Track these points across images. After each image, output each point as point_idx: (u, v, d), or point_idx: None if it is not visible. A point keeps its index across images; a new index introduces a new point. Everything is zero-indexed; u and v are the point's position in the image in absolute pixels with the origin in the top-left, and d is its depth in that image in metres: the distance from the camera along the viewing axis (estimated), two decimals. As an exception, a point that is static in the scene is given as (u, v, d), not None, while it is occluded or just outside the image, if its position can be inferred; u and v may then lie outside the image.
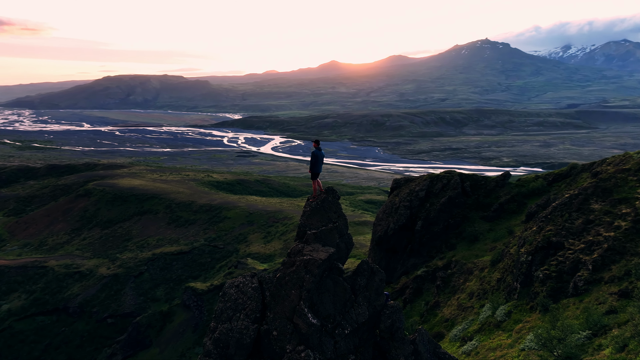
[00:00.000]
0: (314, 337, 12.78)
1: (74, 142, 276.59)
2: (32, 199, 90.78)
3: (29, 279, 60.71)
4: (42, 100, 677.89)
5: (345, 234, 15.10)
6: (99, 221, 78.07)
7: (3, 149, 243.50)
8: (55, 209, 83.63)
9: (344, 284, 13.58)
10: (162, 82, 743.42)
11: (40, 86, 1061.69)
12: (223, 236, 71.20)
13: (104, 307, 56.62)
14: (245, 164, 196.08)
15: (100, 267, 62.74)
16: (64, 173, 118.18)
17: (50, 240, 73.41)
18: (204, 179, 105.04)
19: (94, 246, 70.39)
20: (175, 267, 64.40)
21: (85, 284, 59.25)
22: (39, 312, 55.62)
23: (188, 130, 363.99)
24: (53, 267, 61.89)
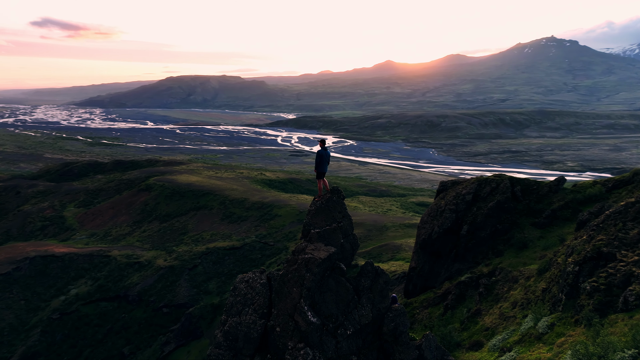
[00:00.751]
0: (313, 336, 12.83)
1: (138, 139, 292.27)
2: (99, 192, 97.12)
3: (95, 266, 64.94)
4: (111, 100, 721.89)
5: (351, 235, 15.01)
6: (158, 215, 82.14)
7: (76, 144, 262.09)
8: (119, 202, 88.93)
9: (347, 284, 13.48)
10: (220, 83, 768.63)
11: (110, 86, 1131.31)
12: (273, 233, 72.63)
13: (160, 296, 59.44)
14: (298, 163, 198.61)
15: (158, 258, 65.93)
16: (128, 168, 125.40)
17: (114, 231, 78.19)
18: (257, 177, 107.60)
19: (152, 238, 74.14)
20: (227, 261, 66.46)
21: (144, 274, 62.47)
22: (102, 298, 59.33)
23: (244, 129, 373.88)
24: (116, 257, 65.81)
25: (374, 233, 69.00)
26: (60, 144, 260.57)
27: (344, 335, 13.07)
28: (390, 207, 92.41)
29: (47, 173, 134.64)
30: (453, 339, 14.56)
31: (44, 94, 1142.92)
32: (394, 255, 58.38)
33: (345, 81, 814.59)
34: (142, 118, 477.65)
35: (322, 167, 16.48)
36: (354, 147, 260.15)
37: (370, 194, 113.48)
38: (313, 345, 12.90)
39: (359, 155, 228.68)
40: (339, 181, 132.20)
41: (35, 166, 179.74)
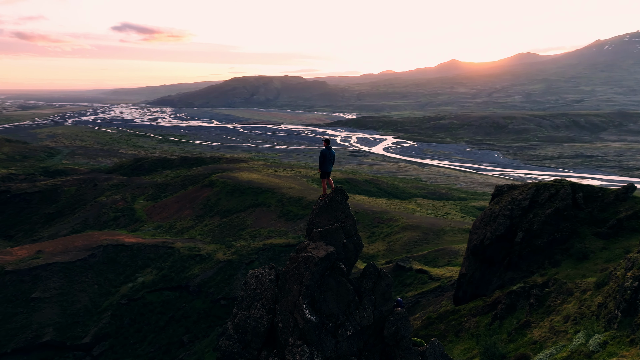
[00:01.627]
0: (311, 334, 12.82)
1: (204, 137, 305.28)
2: (166, 186, 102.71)
3: (160, 257, 68.74)
4: (180, 99, 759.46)
5: (354, 235, 14.76)
6: (219, 210, 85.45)
7: (148, 141, 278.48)
8: (184, 197, 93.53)
9: (347, 285, 13.39)
10: (283, 83, 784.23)
11: (180, 86, 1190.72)
12: (328, 233, 73.08)
13: (218, 289, 61.82)
14: (356, 163, 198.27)
15: (218, 252, 68.56)
16: (193, 165, 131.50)
17: (178, 224, 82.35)
18: (314, 176, 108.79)
19: (213, 233, 77.25)
20: (282, 258, 67.77)
21: (204, 267, 65.24)
22: (165, 287, 62.72)
23: (304, 128, 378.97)
24: (179, 249, 69.27)
25: (430, 237, 67.44)
26: (134, 141, 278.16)
27: (344, 336, 13.07)
28: (449, 211, 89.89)
29: (121, 167, 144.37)
30: (498, 350, 13.91)
31: (120, 94, 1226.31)
32: (450, 261, 56.74)
33: (407, 81, 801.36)
34: (208, 117, 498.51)
35: (325, 167, 16.60)
36: (414, 149, 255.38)
37: (429, 197, 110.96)
38: (311, 343, 12.93)
39: (418, 157, 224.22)
40: (397, 182, 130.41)
41: (111, 161, 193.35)
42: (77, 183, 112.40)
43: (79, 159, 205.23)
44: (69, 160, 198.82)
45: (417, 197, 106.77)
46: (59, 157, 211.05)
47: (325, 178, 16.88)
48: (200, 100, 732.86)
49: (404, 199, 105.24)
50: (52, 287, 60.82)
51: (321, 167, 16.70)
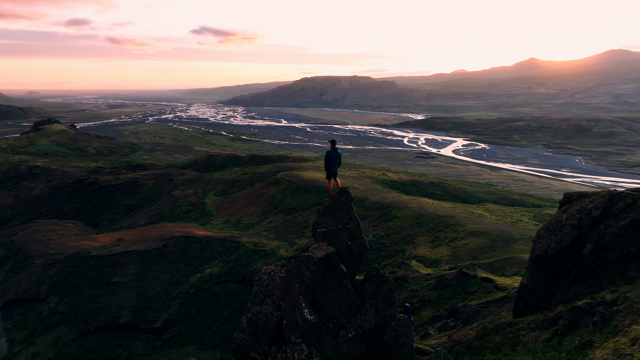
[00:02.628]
0: (310, 333, 12.74)
1: (272, 136, 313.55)
2: (235, 183, 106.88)
3: (226, 250, 71.68)
4: (252, 99, 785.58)
5: (359, 237, 14.54)
6: (283, 208, 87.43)
7: (220, 139, 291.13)
8: (251, 194, 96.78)
9: (348, 286, 13.21)
10: (351, 83, 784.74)
11: (252, 87, 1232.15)
12: (391, 235, 72.20)
13: (280, 284, 63.36)
14: (423, 165, 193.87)
15: (281, 248, 70.19)
16: (261, 163, 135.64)
17: (245, 220, 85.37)
18: (379, 177, 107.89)
19: (277, 229, 79.19)
20: (343, 258, 68.03)
21: (267, 262, 67.04)
22: (231, 280, 65.29)
23: (371, 129, 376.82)
24: (244, 243, 71.81)
25: (499, 244, 64.30)
26: (207, 138, 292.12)
27: (345, 338, 12.94)
28: (520, 218, 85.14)
29: (195, 164, 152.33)
30: (553, 368, 13.04)
31: (197, 94, 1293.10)
32: (519, 270, 53.73)
33: (481, 81, 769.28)
34: (278, 116, 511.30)
35: (330, 167, 16.70)
36: (486, 151, 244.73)
37: (499, 202, 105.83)
38: (310, 342, 12.89)
39: (490, 160, 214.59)
40: (466, 186, 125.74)
41: (186, 157, 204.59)
42: (155, 177, 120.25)
43: (158, 155, 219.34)
44: (149, 156, 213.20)
45: (486, 202, 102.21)
46: (141, 152, 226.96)
47: (330, 179, 16.94)
48: (270, 100, 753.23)
49: (472, 203, 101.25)
50: (130, 273, 65.59)
51: (327, 167, 16.80)
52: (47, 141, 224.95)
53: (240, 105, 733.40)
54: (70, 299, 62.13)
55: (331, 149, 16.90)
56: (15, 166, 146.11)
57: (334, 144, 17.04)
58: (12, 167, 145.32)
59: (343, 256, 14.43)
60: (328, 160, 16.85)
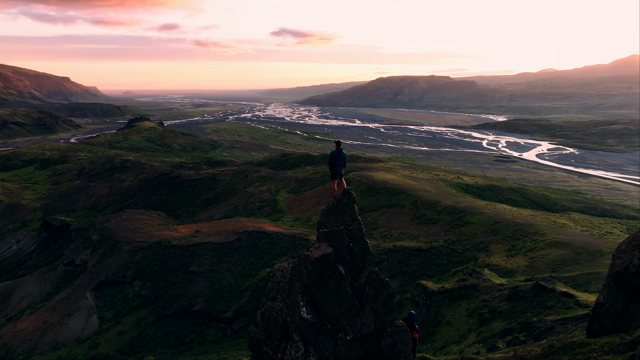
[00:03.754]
0: (307, 332, 12.84)
1: (346, 136, 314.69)
2: (306, 181, 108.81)
3: (295, 247, 73.19)
4: (327, 99, 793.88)
5: (361, 239, 14.42)
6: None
7: (295, 138, 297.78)
8: (321, 192, 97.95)
9: (347, 288, 13.21)
10: (428, 83, 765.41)
11: (327, 87, 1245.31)
12: (463, 241, 69.54)
13: (346, 284, 63.46)
14: (503, 170, 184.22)
15: (348, 248, 70.29)
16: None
17: (314, 218, 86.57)
18: (453, 181, 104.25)
19: (345, 229, 79.44)
20: (412, 262, 66.63)
21: (334, 261, 67.55)
22: (298, 276, 66.61)
23: (447, 130, 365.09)
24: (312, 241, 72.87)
25: (583, 257, 59.39)
26: (282, 137, 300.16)
27: (344, 340, 12.90)
28: (611, 230, 77.92)
29: (269, 161, 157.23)
30: (628, 398, 11.66)
31: (275, 94, 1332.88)
32: (606, 287, 49.33)
33: (572, 80, 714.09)
34: (352, 116, 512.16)
35: (334, 168, 16.71)
36: (575, 156, 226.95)
37: (587, 212, 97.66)
38: (308, 341, 12.91)
39: (579, 166, 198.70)
40: (549, 193, 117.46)
41: (262, 155, 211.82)
42: (232, 173, 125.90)
43: (236, 152, 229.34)
44: (228, 153, 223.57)
45: (572, 212, 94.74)
46: (220, 149, 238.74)
47: (335, 179, 16.98)
48: (345, 100, 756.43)
49: (555, 212, 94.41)
50: (205, 264, 69.29)
51: (331, 168, 16.75)
52: (139, 137, 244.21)
53: (316, 105, 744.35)
54: (151, 284, 66.98)
55: (336, 149, 16.90)
56: (111, 160, 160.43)
57: (339, 145, 17.15)
58: (108, 161, 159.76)
59: (344, 258, 14.37)
60: (332, 161, 16.82)
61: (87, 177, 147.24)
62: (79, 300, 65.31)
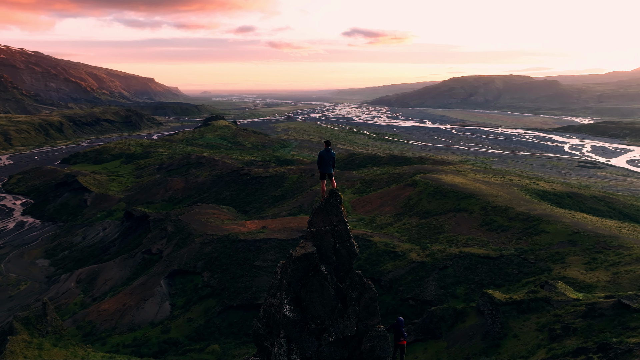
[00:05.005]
0: (289, 329, 12.98)
1: (415, 137, 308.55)
2: (372, 182, 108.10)
3: (358, 247, 73.01)
4: (397, 99, 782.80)
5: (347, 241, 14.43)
6: (418, 211, 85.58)
7: (362, 138, 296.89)
8: (386, 194, 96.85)
9: (329, 289, 13.18)
10: (505, 83, 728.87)
11: (397, 87, 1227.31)
12: (536, 250, 65.50)
13: (408, 288, 62.31)
14: (586, 176, 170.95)
15: (412, 252, 68.96)
16: (400, 163, 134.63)
17: (379, 219, 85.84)
18: (528, 186, 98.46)
19: (410, 232, 77.91)
20: (479, 269, 63.94)
21: (397, 264, 66.56)
22: (359, 277, 66.35)
23: (525, 133, 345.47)
24: (376, 243, 72.30)
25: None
26: (350, 137, 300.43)
27: (327, 341, 12.86)
28: None
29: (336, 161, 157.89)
30: None
31: (344, 94, 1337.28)
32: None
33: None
34: (422, 117, 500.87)
35: (322, 168, 16.91)
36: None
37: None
38: (292, 338, 13.00)
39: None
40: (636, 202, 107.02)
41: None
42: (298, 172, 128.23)
43: (304, 151, 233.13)
44: (296, 152, 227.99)
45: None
46: (289, 148, 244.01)
47: (324, 179, 17.04)
48: (415, 100, 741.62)
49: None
50: (269, 259, 71.22)
51: (319, 168, 16.99)
52: (213, 135, 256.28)
53: (385, 105, 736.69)
54: (219, 276, 70.07)
55: (324, 149, 17.07)
56: (187, 156, 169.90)
57: (328, 145, 17.32)
58: (185, 157, 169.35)
59: (329, 258, 14.27)
60: (320, 161, 17.08)
61: (165, 172, 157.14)
62: (153, 287, 69.92)
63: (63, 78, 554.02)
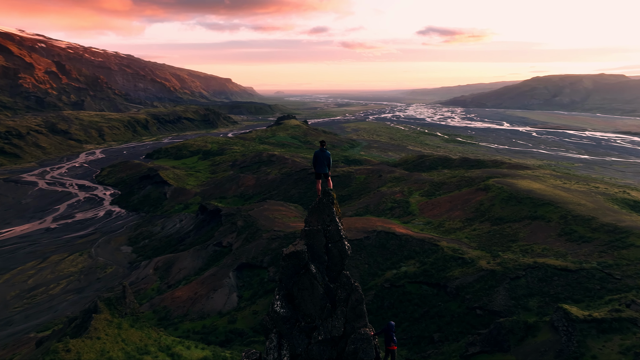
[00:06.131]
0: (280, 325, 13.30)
1: (491, 140, 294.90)
2: (441, 185, 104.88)
3: (424, 251, 71.34)
4: (472, 100, 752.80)
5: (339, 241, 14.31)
6: (490, 217, 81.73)
7: (434, 140, 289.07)
8: (456, 198, 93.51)
9: (318, 288, 13.36)
10: (595, 82, 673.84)
11: (474, 87, 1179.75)
12: (622, 265, 59.95)
13: (476, 297, 59.77)
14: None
15: (481, 259, 66.08)
16: (472, 166, 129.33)
17: (447, 224, 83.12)
18: (616, 195, 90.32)
19: (480, 238, 74.64)
20: (555, 282, 59.84)
21: (465, 271, 64.11)
22: (425, 282, 64.83)
23: (616, 137, 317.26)
24: (443, 247, 70.15)
25: None
26: (421, 138, 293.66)
27: (316, 339, 13.01)
28: None
29: (405, 162, 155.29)
30: None
31: (417, 94, 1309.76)
32: None
33: None
34: (499, 119, 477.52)
35: (317, 168, 17.14)
36: None
37: None
38: (283, 334, 13.29)
39: None
40: None
41: (399, 155, 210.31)
42: (366, 172, 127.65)
43: (373, 152, 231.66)
44: (365, 152, 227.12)
45: None
46: (358, 148, 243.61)
47: (319, 179, 17.35)
48: (493, 101, 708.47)
49: None
50: (333, 258, 71.63)
51: (314, 168, 17.47)
52: (285, 134, 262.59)
53: (460, 106, 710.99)
54: (284, 272, 71.74)
55: (319, 149, 17.34)
56: (259, 154, 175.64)
57: (323, 145, 17.59)
58: (257, 155, 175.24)
59: (321, 257, 14.41)
60: (315, 161, 17.38)
61: (238, 169, 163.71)
62: (223, 278, 73.15)
63: (150, 79, 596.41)
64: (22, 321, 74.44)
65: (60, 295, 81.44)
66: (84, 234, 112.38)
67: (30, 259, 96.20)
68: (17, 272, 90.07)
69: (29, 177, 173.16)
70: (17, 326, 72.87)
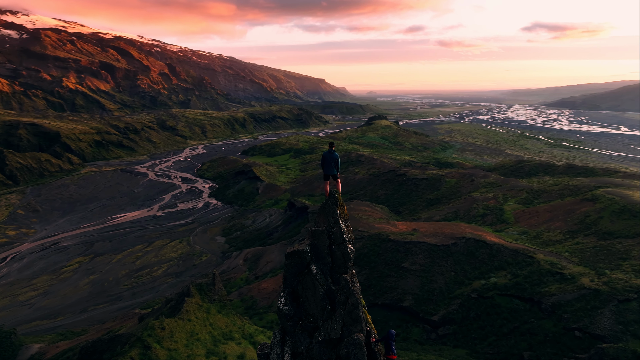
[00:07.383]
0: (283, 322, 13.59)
1: (604, 145, 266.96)
2: (541, 193, 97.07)
3: (517, 263, 66.68)
4: (583, 101, 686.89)
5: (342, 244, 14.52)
6: (597, 230, 73.98)
7: (536, 144, 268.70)
8: (558, 207, 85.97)
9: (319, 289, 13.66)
10: None
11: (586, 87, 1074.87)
12: None
13: (575, 317, 54.60)
14: None
15: (584, 276, 60.20)
16: (579, 174, 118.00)
17: (545, 235, 76.78)
18: None
19: (584, 253, 67.92)
20: (674, 309, 52.47)
21: (563, 287, 58.86)
22: (516, 296, 60.58)
23: None
24: (539, 260, 65.00)
25: None
26: (522, 142, 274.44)
27: (316, 340, 13.30)
28: None
29: (501, 167, 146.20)
30: None
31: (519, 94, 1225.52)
32: None
33: None
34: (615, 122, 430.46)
35: (325, 169, 17.39)
36: None
37: None
38: (287, 330, 13.60)
39: None
40: None
41: (495, 160, 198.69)
42: (457, 176, 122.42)
43: (467, 155, 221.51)
44: (458, 155, 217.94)
45: None
46: (451, 151, 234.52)
47: (327, 180, 17.47)
48: (608, 102, 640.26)
49: None
50: (418, 263, 69.84)
51: (322, 169, 17.71)
52: (374, 134, 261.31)
53: (568, 107, 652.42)
54: (366, 272, 71.41)
55: (327, 151, 17.49)
56: (348, 154, 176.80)
57: (332, 147, 17.54)
58: (345, 154, 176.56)
59: (325, 259, 14.55)
60: (323, 162, 17.65)
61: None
62: (306, 274, 74.84)
63: (249, 80, 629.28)
64: (130, 297, 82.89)
65: (161, 278, 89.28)
66: (184, 222, 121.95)
67: (139, 243, 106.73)
68: (127, 254, 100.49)
69: (141, 169, 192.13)
70: (125, 302, 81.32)
